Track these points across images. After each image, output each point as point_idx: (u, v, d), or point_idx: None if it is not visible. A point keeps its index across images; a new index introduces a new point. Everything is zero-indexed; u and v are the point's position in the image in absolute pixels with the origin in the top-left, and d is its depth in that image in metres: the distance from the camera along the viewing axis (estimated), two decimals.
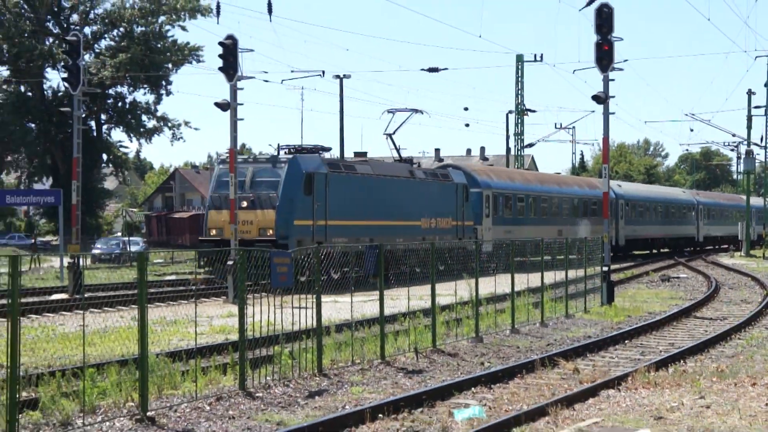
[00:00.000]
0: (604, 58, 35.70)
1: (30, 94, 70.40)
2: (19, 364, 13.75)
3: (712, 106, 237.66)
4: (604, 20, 35.44)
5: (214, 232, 41.53)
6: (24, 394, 14.87)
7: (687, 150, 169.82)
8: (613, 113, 38.16)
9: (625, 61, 78.80)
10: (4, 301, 18.31)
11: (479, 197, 56.15)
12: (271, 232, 39.45)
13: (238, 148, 40.95)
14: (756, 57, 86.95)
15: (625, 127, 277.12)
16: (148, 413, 15.47)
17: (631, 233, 75.74)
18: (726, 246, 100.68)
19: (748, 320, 31.16)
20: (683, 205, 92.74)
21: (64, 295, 33.24)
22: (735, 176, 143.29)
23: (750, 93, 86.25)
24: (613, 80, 36.54)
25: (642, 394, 17.13)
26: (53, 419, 15.11)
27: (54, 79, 71.13)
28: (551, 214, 66.22)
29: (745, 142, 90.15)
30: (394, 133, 52.78)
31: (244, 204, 39.21)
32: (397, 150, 54.69)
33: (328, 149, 46.88)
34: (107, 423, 15.09)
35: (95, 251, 71.45)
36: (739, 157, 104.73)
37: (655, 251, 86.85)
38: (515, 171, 68.69)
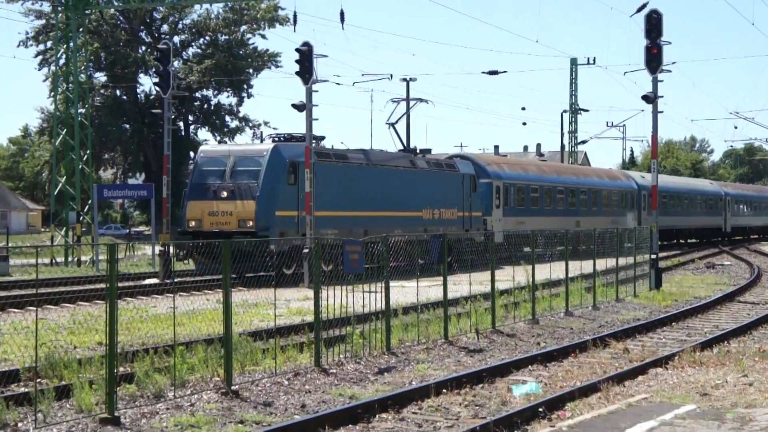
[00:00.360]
0: (653, 60, 35.50)
1: (125, 97, 70.97)
2: (117, 342, 13.92)
3: (755, 105, 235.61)
4: (653, 26, 35.27)
5: (193, 223, 37.06)
6: (121, 369, 15.00)
7: (731, 146, 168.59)
8: (661, 112, 37.90)
9: (673, 63, 78.31)
10: (103, 285, 18.48)
11: (489, 188, 51.38)
12: (251, 223, 35.35)
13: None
14: None
15: (673, 125, 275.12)
16: (233, 387, 15.56)
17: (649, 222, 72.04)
18: (756, 236, 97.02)
19: None
20: (710, 197, 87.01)
21: (155, 280, 33.52)
22: None
23: None
24: (661, 81, 36.31)
25: (688, 372, 17.01)
26: (147, 392, 15.25)
27: (146, 83, 71.71)
28: (569, 205, 61.01)
29: None
30: (396, 122, 49.20)
31: (224, 194, 36.02)
32: (401, 139, 51.49)
33: (321, 138, 43.00)
34: (195, 396, 15.20)
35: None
36: None
37: (681, 241, 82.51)
38: (530, 161, 65.23)
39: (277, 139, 40.00)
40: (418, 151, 49.89)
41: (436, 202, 45.69)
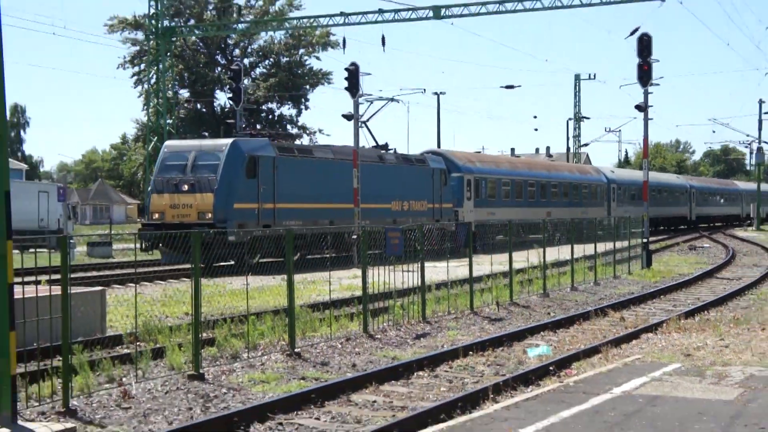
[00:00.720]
0: (644, 76, 35.34)
1: (204, 110, 71.24)
2: (201, 313, 14.04)
3: (730, 112, 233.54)
4: (644, 47, 35.10)
5: (156, 215, 33.46)
6: (204, 334, 15.12)
7: (710, 147, 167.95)
8: (651, 119, 37.65)
9: (661, 78, 77.37)
10: (188, 266, 18.60)
11: (460, 181, 46.92)
12: (209, 215, 31.78)
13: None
14: (765, 73, 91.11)
15: (660, 130, 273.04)
16: (295, 350, 15.65)
17: (622, 213, 62.83)
18: (720, 224, 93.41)
19: (758, 280, 30.63)
20: (677, 189, 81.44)
21: (231, 262, 33.64)
22: (748, 168, 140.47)
23: (761, 102, 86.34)
24: (651, 93, 36.13)
25: (674, 336, 16.96)
26: (226, 353, 15.37)
27: (222, 98, 71.60)
28: (540, 197, 55.96)
29: (757, 141, 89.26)
30: (368, 120, 44.63)
31: (185, 188, 32.57)
32: (373, 136, 47.21)
33: (291, 135, 41.64)
34: (265, 357, 15.31)
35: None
36: (751, 153, 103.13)
37: (651, 228, 78.79)
38: (503, 157, 59.73)
39: (248, 135, 37.20)
40: (389, 148, 45.92)
41: (405, 194, 42.16)
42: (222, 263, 27.78)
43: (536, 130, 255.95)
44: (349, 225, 34.25)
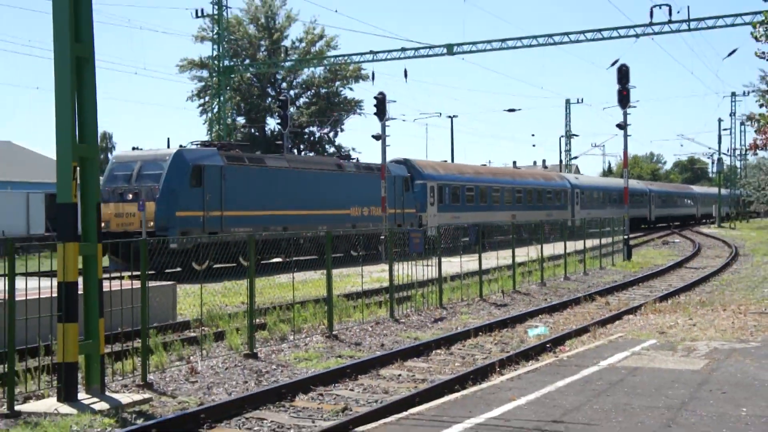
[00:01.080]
0: (623, 100, 35.25)
1: (257, 134, 71.44)
2: (254, 302, 14.07)
3: (695, 129, 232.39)
4: (623, 75, 35.03)
5: (102, 225, 28.12)
6: (257, 320, 15.15)
7: (679, 158, 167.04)
8: (629, 135, 37.49)
9: (637, 101, 77.38)
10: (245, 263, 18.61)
11: (424, 188, 42.42)
12: (151, 223, 27.91)
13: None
14: (723, 97, 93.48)
15: (637, 144, 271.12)
16: (333, 332, 15.66)
17: (585, 215, 56.02)
18: (677, 224, 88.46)
19: (720, 269, 30.59)
20: (636, 193, 74.27)
21: (279, 259, 33.55)
22: (710, 175, 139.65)
23: (720, 120, 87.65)
24: (629, 113, 36.02)
25: (651, 317, 16.85)
26: (275, 336, 15.38)
27: (271, 123, 71.80)
28: (504, 202, 51.15)
29: (717, 153, 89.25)
30: (330, 131, 42.66)
31: (129, 197, 28.64)
32: (336, 147, 45.29)
33: (245, 145, 39.44)
34: (308, 338, 15.32)
35: None
36: (713, 163, 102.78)
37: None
38: (467, 166, 52.57)
39: (199, 145, 32.16)
40: (353, 157, 42.81)
41: (365, 201, 37.19)
42: (170, 270, 25.58)
43: (534, 146, 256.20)
44: (304, 230, 30.74)
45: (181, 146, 30.13)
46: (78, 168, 10.43)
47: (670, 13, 42.18)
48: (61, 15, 10.34)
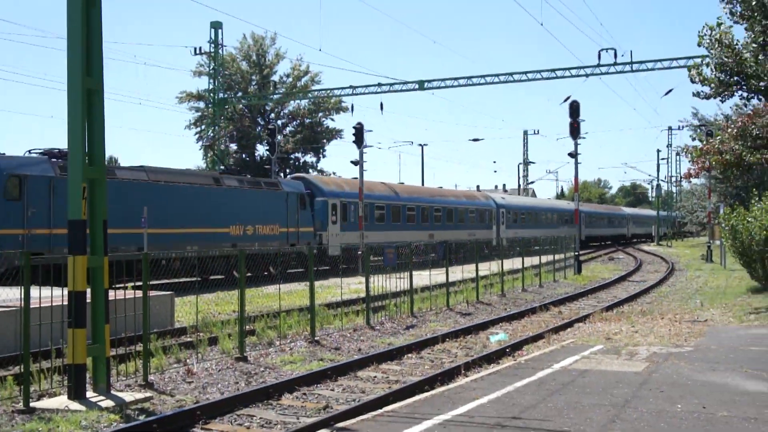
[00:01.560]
0: (574, 132, 35.53)
1: (248, 159, 71.21)
2: (244, 310, 14.01)
3: (637, 158, 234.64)
4: (574, 110, 35.33)
5: None
6: (247, 326, 15.09)
7: (623, 183, 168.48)
8: (580, 163, 37.95)
9: (587, 133, 78.04)
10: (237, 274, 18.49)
11: (324, 205, 36.59)
12: None
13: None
14: (661, 130, 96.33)
15: (587, 171, 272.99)
16: (315, 338, 15.63)
17: (512, 235, 53.47)
18: (608, 242, 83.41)
19: (658, 282, 30.80)
20: (567, 213, 69.08)
21: (266, 273, 33.42)
22: (650, 199, 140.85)
23: (658, 151, 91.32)
24: (579, 144, 36.34)
25: (598, 325, 16.94)
26: (263, 341, 15.32)
27: (261, 150, 71.61)
28: (421, 221, 45.15)
29: (656, 179, 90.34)
30: (212, 145, 36.50)
31: None
32: (222, 162, 42.15)
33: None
34: (293, 343, 15.27)
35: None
36: (652, 188, 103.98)
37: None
38: (381, 183, 45.01)
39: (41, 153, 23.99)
40: (243, 174, 37.48)
41: (249, 219, 31.02)
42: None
43: (495, 171, 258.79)
44: (173, 250, 25.57)
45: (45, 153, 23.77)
46: (87, 188, 10.44)
47: (616, 56, 43.02)
48: (74, 52, 10.36)
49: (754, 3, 16.02)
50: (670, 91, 61.51)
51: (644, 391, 9.63)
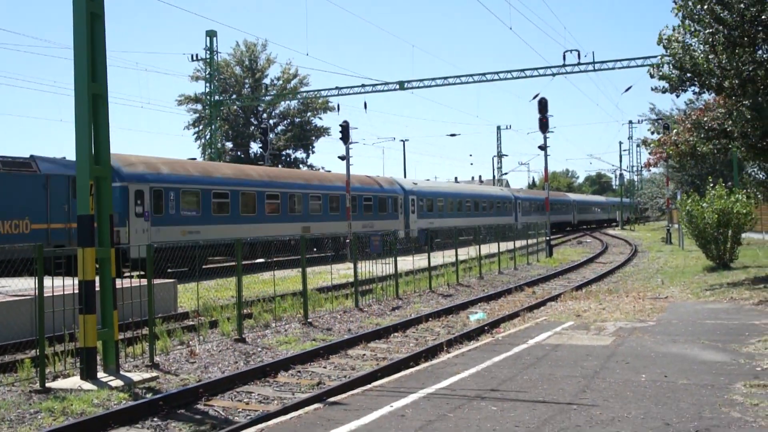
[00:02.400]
0: (543, 127, 35.50)
1: (242, 156, 70.83)
2: (242, 295, 13.98)
3: (601, 150, 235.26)
4: (543, 106, 35.29)
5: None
6: (245, 310, 15.06)
7: (588, 174, 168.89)
8: (549, 155, 38.02)
9: (555, 127, 78.20)
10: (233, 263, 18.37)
11: (124, 193, 25.19)
12: None
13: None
14: (622, 124, 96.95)
15: (556, 162, 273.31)
16: (308, 320, 15.61)
17: (426, 225, 44.23)
18: (553, 230, 65.47)
19: (623, 263, 30.90)
20: (502, 200, 60.29)
21: (262, 260, 33.12)
22: (614, 187, 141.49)
23: (620, 143, 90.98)
24: (548, 137, 36.36)
25: (569, 303, 16.98)
26: (260, 323, 15.29)
27: (254, 147, 71.20)
28: (290, 211, 33.59)
29: (619, 169, 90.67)
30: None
31: None
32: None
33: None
34: (287, 325, 15.24)
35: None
36: (616, 177, 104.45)
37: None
38: (223, 165, 33.63)
39: None
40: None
41: None
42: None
43: (471, 164, 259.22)
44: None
45: None
46: (94, 186, 10.39)
47: (579, 57, 43.54)
48: (80, 60, 10.32)
49: (704, 9, 16.08)
50: (630, 88, 62.43)
51: (611, 363, 9.67)
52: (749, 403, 7.35)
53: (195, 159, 31.08)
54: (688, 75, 17.25)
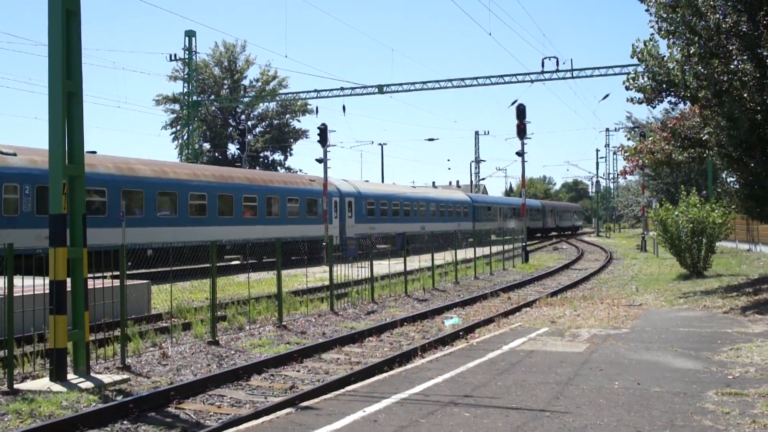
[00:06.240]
0: (521, 133, 35.73)
1: (220, 157, 70.46)
2: (216, 297, 13.87)
3: (578, 157, 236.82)
4: (521, 113, 35.50)
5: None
6: (219, 312, 14.95)
7: (565, 180, 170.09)
8: (526, 161, 38.07)
9: (532, 133, 78.97)
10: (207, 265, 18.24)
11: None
12: None
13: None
14: (599, 131, 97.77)
15: (533, 168, 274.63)
16: (283, 323, 15.53)
17: (366, 230, 39.68)
18: (507, 237, 64.14)
19: (598, 270, 31.09)
20: (454, 204, 55.28)
21: (237, 262, 33.02)
22: (590, 194, 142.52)
23: (597, 150, 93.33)
24: (526, 143, 36.59)
25: (543, 310, 17.04)
26: (234, 326, 15.19)
27: (232, 148, 70.89)
28: (193, 213, 28.23)
29: (595, 176, 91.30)
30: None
31: None
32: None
33: None
34: (261, 328, 15.15)
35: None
36: (592, 184, 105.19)
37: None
38: (129, 160, 27.25)
39: None
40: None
41: None
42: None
43: (449, 169, 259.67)
44: None
45: None
46: (67, 185, 10.25)
47: (557, 64, 43.76)
48: (55, 57, 10.19)
49: (678, 20, 16.22)
50: (607, 96, 62.82)
51: (585, 369, 9.70)
52: (721, 411, 7.39)
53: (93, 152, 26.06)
54: (664, 86, 17.41)
